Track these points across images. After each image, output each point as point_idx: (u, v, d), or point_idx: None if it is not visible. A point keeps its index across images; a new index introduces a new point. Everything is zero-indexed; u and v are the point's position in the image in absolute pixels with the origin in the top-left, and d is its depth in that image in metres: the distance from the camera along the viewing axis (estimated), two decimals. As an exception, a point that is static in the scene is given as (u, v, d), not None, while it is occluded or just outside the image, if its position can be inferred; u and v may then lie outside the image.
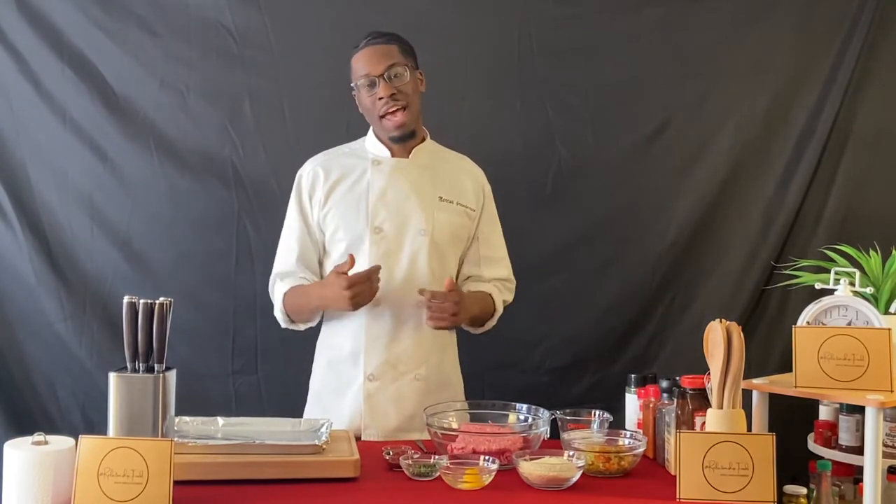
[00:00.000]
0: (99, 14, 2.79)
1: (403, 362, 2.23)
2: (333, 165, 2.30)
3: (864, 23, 2.83)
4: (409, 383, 2.23)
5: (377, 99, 2.21)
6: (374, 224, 2.22)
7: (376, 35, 2.26)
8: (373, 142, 2.33)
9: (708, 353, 1.82)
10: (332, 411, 2.22)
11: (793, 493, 1.94)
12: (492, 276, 2.35)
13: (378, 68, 2.20)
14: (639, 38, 2.89)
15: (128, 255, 2.79)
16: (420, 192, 2.26)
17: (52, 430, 1.68)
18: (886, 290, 2.18)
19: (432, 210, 2.25)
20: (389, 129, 2.24)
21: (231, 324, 2.81)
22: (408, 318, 2.23)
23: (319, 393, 2.32)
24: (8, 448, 1.57)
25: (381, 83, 2.19)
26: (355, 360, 2.23)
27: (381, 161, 2.28)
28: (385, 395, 2.20)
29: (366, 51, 2.24)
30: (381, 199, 2.24)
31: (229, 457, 1.74)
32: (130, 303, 1.69)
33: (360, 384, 2.22)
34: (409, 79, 2.23)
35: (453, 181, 2.33)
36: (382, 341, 2.22)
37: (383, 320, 2.22)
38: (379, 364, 2.21)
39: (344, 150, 2.36)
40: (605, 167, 2.89)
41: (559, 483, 1.72)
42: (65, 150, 2.78)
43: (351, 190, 2.26)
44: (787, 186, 2.86)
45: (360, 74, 2.23)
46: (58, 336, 2.77)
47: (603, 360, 2.88)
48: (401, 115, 2.21)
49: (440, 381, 2.27)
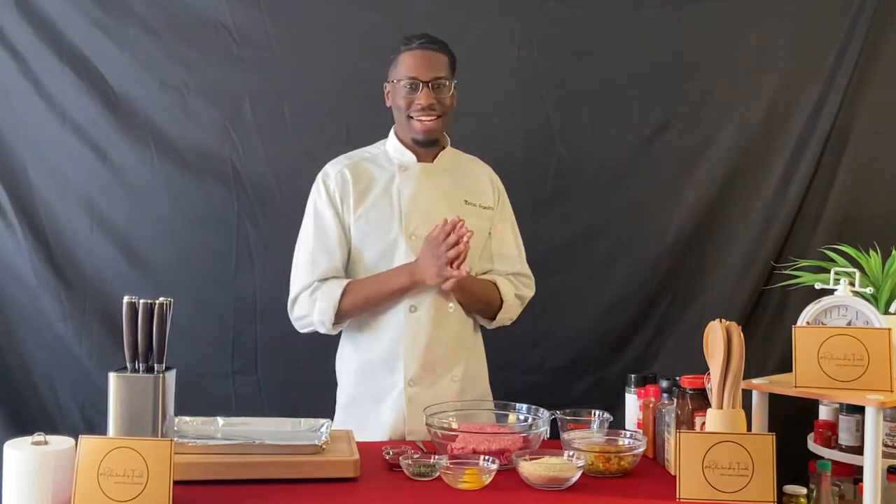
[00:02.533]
0: (99, 14, 2.79)
1: (440, 365, 2.23)
2: (360, 171, 2.28)
3: (864, 23, 2.83)
4: (446, 385, 2.23)
5: (415, 102, 2.21)
6: (408, 230, 2.22)
7: (431, 40, 2.25)
8: (396, 146, 2.31)
9: (708, 353, 1.82)
10: (370, 420, 2.22)
11: (793, 493, 1.94)
12: (505, 271, 2.34)
13: (426, 74, 2.20)
14: (639, 38, 2.89)
15: (128, 255, 2.79)
16: (448, 197, 2.27)
17: (52, 430, 1.68)
18: (886, 290, 2.18)
19: (461, 214, 2.24)
20: (417, 131, 2.23)
21: (231, 324, 2.82)
22: (442, 322, 2.23)
23: (353, 402, 2.29)
24: (8, 448, 1.57)
25: (425, 90, 2.19)
26: (392, 366, 2.22)
27: (407, 167, 2.28)
28: (425, 399, 2.17)
29: (418, 53, 2.22)
30: (413, 205, 2.24)
31: (229, 457, 1.74)
32: (130, 303, 1.69)
33: (401, 390, 2.20)
34: (450, 93, 2.25)
35: (474, 184, 2.34)
36: (420, 346, 2.21)
37: (420, 325, 2.21)
38: (418, 368, 2.21)
39: (364, 155, 2.33)
40: (605, 167, 2.89)
41: (559, 483, 1.72)
42: (65, 150, 2.78)
43: (382, 196, 2.25)
44: (787, 186, 2.86)
45: (405, 74, 2.21)
46: (58, 336, 2.77)
47: (603, 360, 2.88)
48: (432, 123, 2.22)
49: (472, 381, 2.29)
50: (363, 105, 2.82)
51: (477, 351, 2.36)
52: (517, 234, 2.40)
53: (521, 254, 2.40)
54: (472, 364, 2.31)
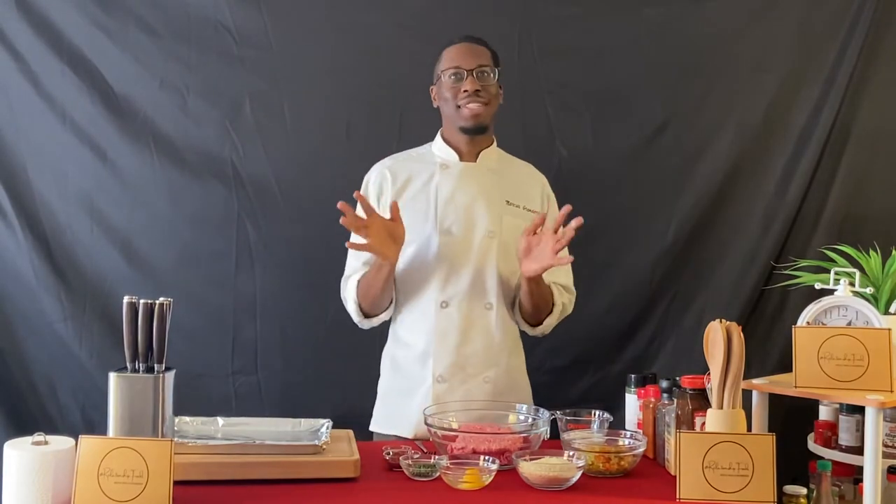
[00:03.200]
0: (99, 14, 2.78)
1: (472, 364, 2.22)
2: (400, 169, 2.31)
3: (864, 23, 2.83)
4: (478, 385, 2.22)
5: (461, 91, 2.23)
6: (442, 227, 2.23)
7: (472, 37, 2.31)
8: (440, 146, 2.33)
9: (708, 353, 1.82)
10: (400, 413, 2.23)
11: (793, 493, 1.94)
12: (551, 281, 2.31)
13: (470, 63, 2.24)
14: (639, 38, 2.89)
15: (128, 255, 2.79)
16: (488, 195, 2.27)
17: (52, 430, 1.68)
18: (886, 290, 2.18)
19: (500, 213, 2.26)
20: (465, 118, 2.24)
21: (231, 324, 2.81)
22: (476, 320, 2.22)
23: (387, 394, 2.32)
24: (8, 448, 1.57)
25: (469, 78, 2.23)
26: (424, 360, 2.22)
27: (448, 165, 2.29)
28: (454, 397, 2.17)
29: (460, 46, 2.28)
30: (450, 202, 2.25)
31: (229, 457, 1.74)
32: (130, 303, 1.69)
33: (429, 386, 2.21)
34: (494, 83, 2.27)
35: (520, 185, 2.34)
36: (452, 342, 2.21)
37: (452, 321, 2.21)
38: (448, 365, 2.20)
39: (411, 154, 2.37)
40: (605, 167, 2.89)
41: (559, 483, 1.72)
42: (65, 150, 2.78)
43: (419, 193, 2.27)
44: (787, 186, 2.86)
45: (449, 66, 2.25)
46: (58, 336, 2.76)
47: (603, 360, 2.88)
48: (479, 107, 2.23)
49: (508, 384, 2.26)
50: (363, 105, 2.82)
51: (517, 355, 2.33)
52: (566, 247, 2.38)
53: (569, 268, 2.38)
54: (511, 368, 2.28)
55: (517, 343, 2.34)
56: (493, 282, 2.24)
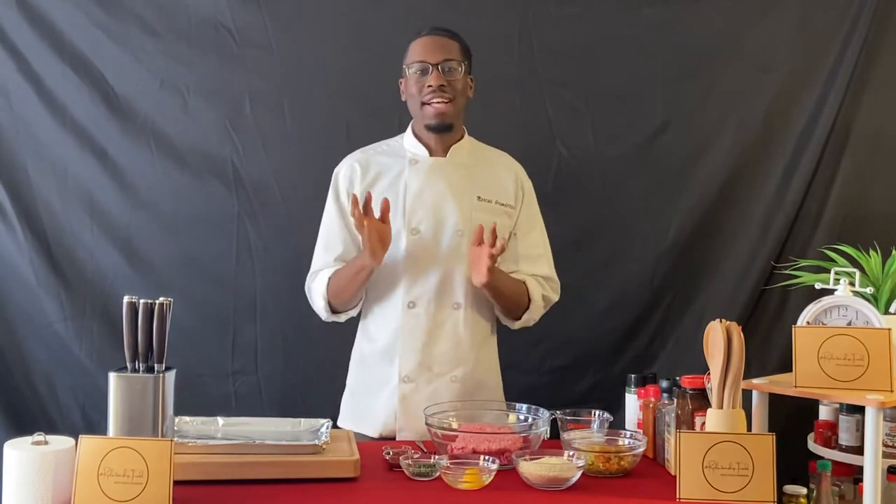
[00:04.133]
0: (99, 14, 2.79)
1: (439, 364, 2.20)
2: (371, 162, 2.28)
3: (864, 23, 2.82)
4: (445, 385, 2.20)
5: (425, 86, 2.20)
6: (410, 225, 2.21)
7: (440, 29, 2.27)
8: (411, 140, 2.30)
9: (708, 353, 1.82)
10: (365, 412, 2.22)
11: (793, 493, 1.94)
12: (532, 273, 2.30)
13: (435, 57, 2.20)
14: (639, 38, 2.89)
15: (128, 255, 2.79)
16: (457, 191, 2.24)
17: (52, 430, 1.68)
18: (886, 290, 2.18)
19: (470, 210, 2.23)
20: (429, 116, 2.21)
21: (231, 324, 2.81)
22: (444, 320, 2.20)
23: (354, 391, 2.31)
24: (8, 448, 1.57)
25: (434, 72, 2.19)
26: (390, 358, 2.21)
27: (418, 160, 2.26)
28: (420, 397, 2.17)
29: (426, 39, 2.24)
30: (419, 200, 2.22)
31: (229, 457, 1.74)
32: (130, 303, 1.69)
33: (395, 385, 2.19)
34: (461, 76, 2.23)
35: (492, 179, 2.30)
36: (418, 342, 2.19)
37: (419, 322, 2.19)
38: (415, 366, 2.19)
39: (382, 146, 2.34)
40: (605, 167, 2.89)
41: (559, 483, 1.72)
42: (65, 150, 2.78)
43: (388, 189, 2.23)
44: (787, 186, 2.86)
45: (414, 60, 2.22)
46: (58, 336, 2.77)
47: (603, 360, 2.88)
48: (444, 106, 2.20)
49: (477, 383, 2.24)
50: (363, 105, 2.82)
51: (487, 354, 2.31)
52: (545, 236, 2.36)
53: (549, 256, 2.35)
54: (480, 367, 2.26)
55: (487, 340, 2.31)
56: (462, 281, 2.21)
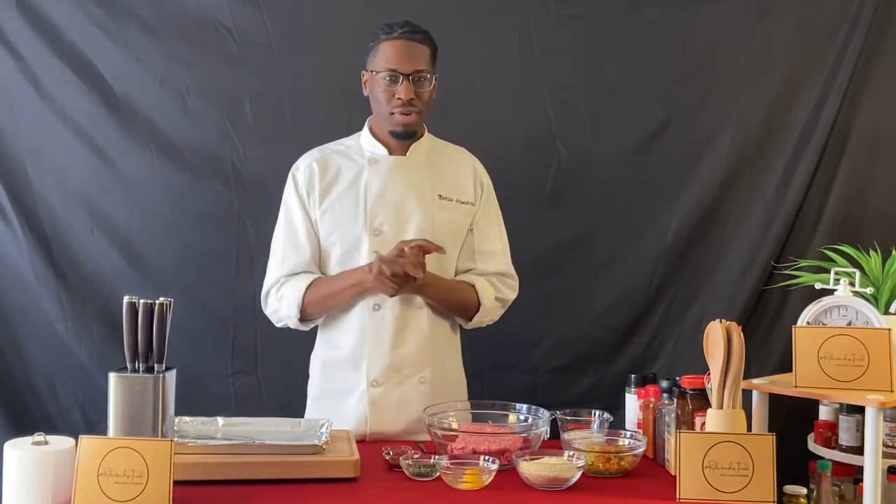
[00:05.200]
0: (99, 14, 2.79)
1: (407, 365, 2.19)
2: (329, 162, 2.25)
3: (864, 23, 2.82)
4: (414, 387, 2.19)
5: (395, 97, 2.16)
6: (373, 226, 2.19)
7: (413, 30, 2.18)
8: (369, 140, 2.27)
9: (708, 353, 1.82)
10: (334, 416, 2.19)
11: (793, 493, 1.94)
12: (487, 271, 2.27)
13: (407, 67, 2.15)
14: (639, 38, 2.89)
15: (128, 255, 2.79)
16: (419, 191, 2.22)
17: (52, 430, 1.68)
18: (886, 290, 2.18)
19: (432, 209, 2.22)
20: (396, 125, 2.19)
21: (231, 324, 2.81)
22: (410, 321, 2.19)
23: (318, 398, 2.28)
24: (8, 448, 1.57)
25: (405, 84, 2.14)
26: (357, 363, 2.19)
27: (378, 160, 2.24)
28: (390, 400, 2.16)
29: (399, 43, 2.16)
30: (380, 200, 2.20)
31: (229, 457, 1.74)
32: (130, 303, 1.69)
33: (364, 389, 2.18)
34: (430, 87, 2.20)
35: (452, 177, 2.28)
36: (385, 345, 2.17)
37: (385, 324, 2.18)
38: (383, 369, 2.17)
39: (339, 147, 2.30)
40: (605, 167, 2.89)
41: (559, 483, 1.72)
42: (65, 150, 2.78)
43: (348, 189, 2.21)
44: (787, 186, 2.86)
45: (385, 65, 2.16)
46: (58, 336, 2.77)
47: (603, 360, 2.88)
48: (412, 118, 2.18)
49: (445, 383, 2.23)
50: (363, 105, 2.79)
51: (451, 352, 2.30)
52: (503, 232, 2.34)
53: (506, 252, 2.32)
54: (445, 365, 2.26)
55: (450, 339, 2.29)
56: None
